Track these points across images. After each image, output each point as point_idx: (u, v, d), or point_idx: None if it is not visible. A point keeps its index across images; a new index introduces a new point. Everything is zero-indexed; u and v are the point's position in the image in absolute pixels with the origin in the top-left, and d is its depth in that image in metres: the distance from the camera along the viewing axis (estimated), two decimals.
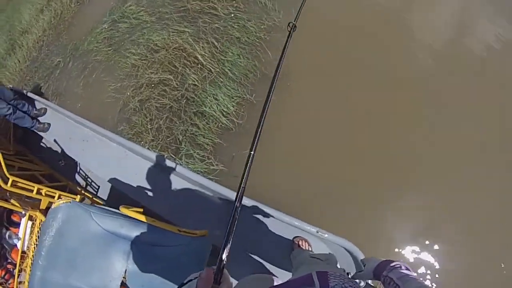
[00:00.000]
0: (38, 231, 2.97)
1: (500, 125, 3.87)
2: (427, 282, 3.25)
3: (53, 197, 3.65)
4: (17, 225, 3.48)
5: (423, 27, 4.82)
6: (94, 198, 4.52)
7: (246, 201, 3.07)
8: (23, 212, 3.23)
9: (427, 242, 3.38)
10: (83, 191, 4.66)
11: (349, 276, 1.39)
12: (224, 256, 0.87)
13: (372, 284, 1.58)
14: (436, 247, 3.37)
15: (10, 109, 4.35)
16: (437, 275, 3.29)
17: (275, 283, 1.21)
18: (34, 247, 2.78)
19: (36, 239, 2.89)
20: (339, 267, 1.77)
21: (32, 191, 3.51)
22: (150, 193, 3.66)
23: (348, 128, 3.91)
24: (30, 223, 3.22)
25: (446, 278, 3.27)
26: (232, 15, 4.73)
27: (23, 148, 5.22)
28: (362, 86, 4.12)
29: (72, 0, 7.39)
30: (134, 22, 5.55)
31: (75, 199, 3.60)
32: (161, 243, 2.37)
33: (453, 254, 3.33)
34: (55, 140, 4.68)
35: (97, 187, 4.82)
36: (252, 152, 0.97)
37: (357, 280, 1.39)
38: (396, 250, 3.38)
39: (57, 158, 4.98)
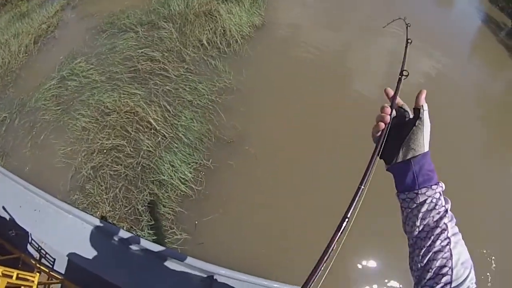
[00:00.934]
0: None
1: None
2: None
3: (11, 276, 3.09)
4: None
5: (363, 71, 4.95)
6: (51, 273, 3.94)
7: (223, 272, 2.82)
8: None
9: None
10: (37, 264, 4.05)
11: None
12: None
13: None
14: None
15: None
16: None
17: None
18: None
19: None
20: None
21: None
22: (113, 268, 3.21)
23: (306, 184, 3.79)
24: None
25: None
26: (183, 76, 4.44)
27: None
28: (313, 144, 4.03)
29: (21, 50, 6.63)
30: (84, 80, 5.04)
31: (33, 277, 3.10)
32: None
33: None
34: (3, 207, 4.04)
35: (52, 260, 4.21)
36: (362, 186, 0.80)
37: None
38: None
39: (7, 226, 4.32)
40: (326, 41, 5.86)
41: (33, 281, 3.09)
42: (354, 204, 0.77)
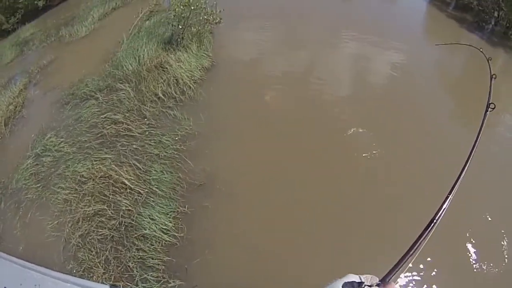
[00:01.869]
0: None
1: None
2: None
3: None
4: None
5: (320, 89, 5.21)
6: None
7: None
8: None
9: None
10: None
11: None
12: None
13: None
14: None
15: None
16: None
17: None
18: None
19: None
20: None
21: None
22: None
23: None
24: None
25: None
26: (147, 132, 4.61)
27: None
28: (280, 168, 4.22)
29: None
30: (57, 154, 5.14)
31: None
32: None
33: None
34: None
35: None
36: (451, 196, 1.01)
37: None
38: None
39: None
40: (276, 66, 6.14)
41: None
42: (443, 209, 0.92)
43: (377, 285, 0.78)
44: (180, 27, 6.00)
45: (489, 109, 1.27)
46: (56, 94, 6.46)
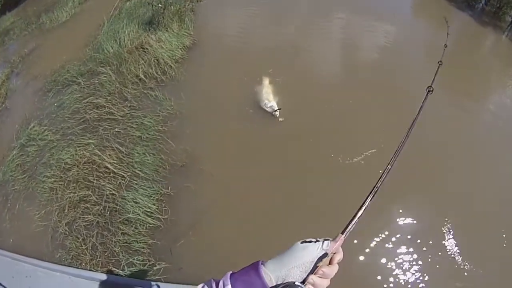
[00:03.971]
0: None
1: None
2: None
3: None
4: None
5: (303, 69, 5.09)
6: None
7: None
8: None
9: None
10: None
11: None
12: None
13: None
14: None
15: None
16: None
17: None
18: None
19: None
20: None
21: None
22: None
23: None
24: None
25: None
26: (129, 115, 4.59)
27: None
28: (263, 149, 4.19)
29: None
30: (41, 143, 5.16)
31: None
32: None
33: None
34: None
35: None
36: (390, 167, 1.05)
37: None
38: None
39: None
40: (258, 43, 6.02)
41: None
42: (383, 178, 0.99)
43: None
44: (160, 5, 5.91)
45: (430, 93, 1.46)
46: (38, 82, 6.43)
